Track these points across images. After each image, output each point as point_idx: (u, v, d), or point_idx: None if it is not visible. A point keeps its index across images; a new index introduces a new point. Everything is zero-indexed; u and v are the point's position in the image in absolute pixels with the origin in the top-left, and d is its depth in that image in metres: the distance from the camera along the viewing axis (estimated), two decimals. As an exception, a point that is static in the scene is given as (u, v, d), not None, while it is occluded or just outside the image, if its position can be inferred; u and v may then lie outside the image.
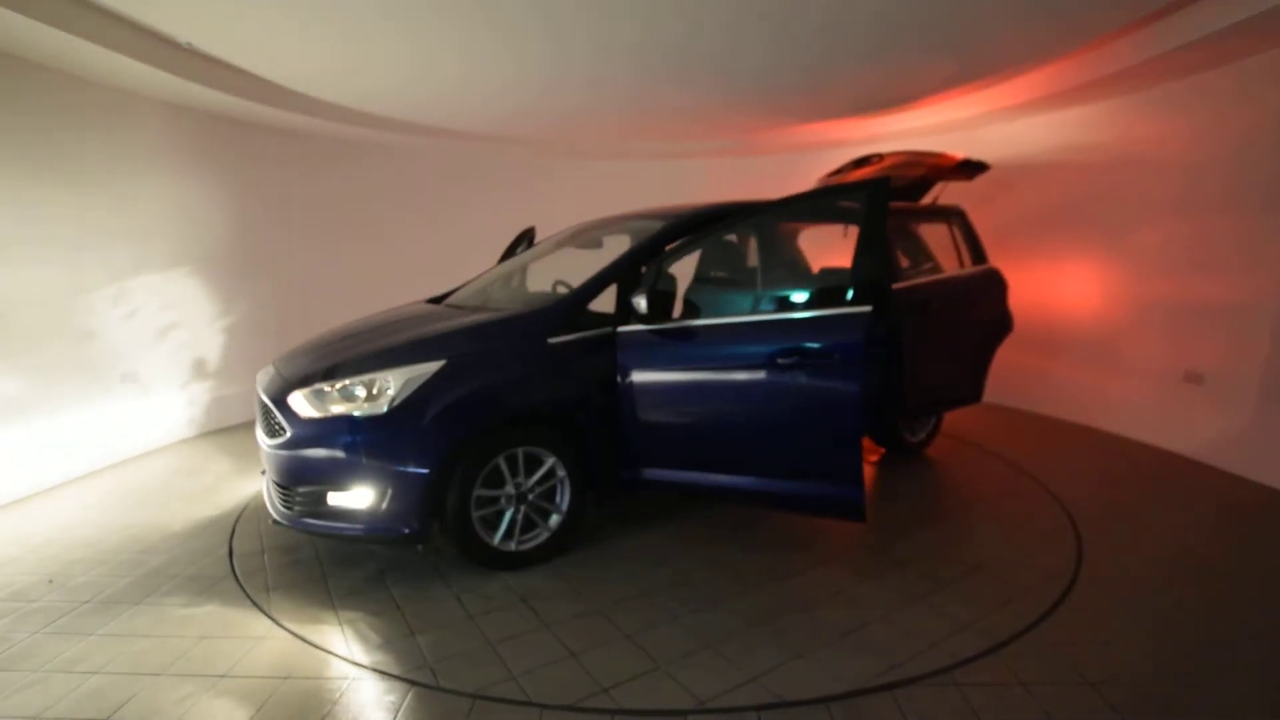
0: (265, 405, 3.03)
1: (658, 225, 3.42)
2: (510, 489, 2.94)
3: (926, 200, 4.91)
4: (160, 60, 4.09)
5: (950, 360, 4.47)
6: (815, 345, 2.73)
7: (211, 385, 5.36)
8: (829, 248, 5.94)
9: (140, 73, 4.18)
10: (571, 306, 3.14)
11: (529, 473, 2.98)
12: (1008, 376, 6.22)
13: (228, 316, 5.47)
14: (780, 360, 2.80)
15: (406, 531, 2.77)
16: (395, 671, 2.26)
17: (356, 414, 2.75)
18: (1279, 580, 2.92)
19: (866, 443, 4.85)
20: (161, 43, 4.02)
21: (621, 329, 3.13)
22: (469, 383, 2.85)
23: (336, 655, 2.36)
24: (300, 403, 2.83)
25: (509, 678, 2.22)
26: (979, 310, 4.63)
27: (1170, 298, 4.81)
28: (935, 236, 4.73)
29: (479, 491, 2.85)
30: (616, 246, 3.47)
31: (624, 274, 3.23)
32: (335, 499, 2.77)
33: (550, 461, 3.01)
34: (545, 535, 3.06)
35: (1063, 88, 4.80)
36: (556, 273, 3.86)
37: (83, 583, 2.87)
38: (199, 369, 5.26)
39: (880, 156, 5.26)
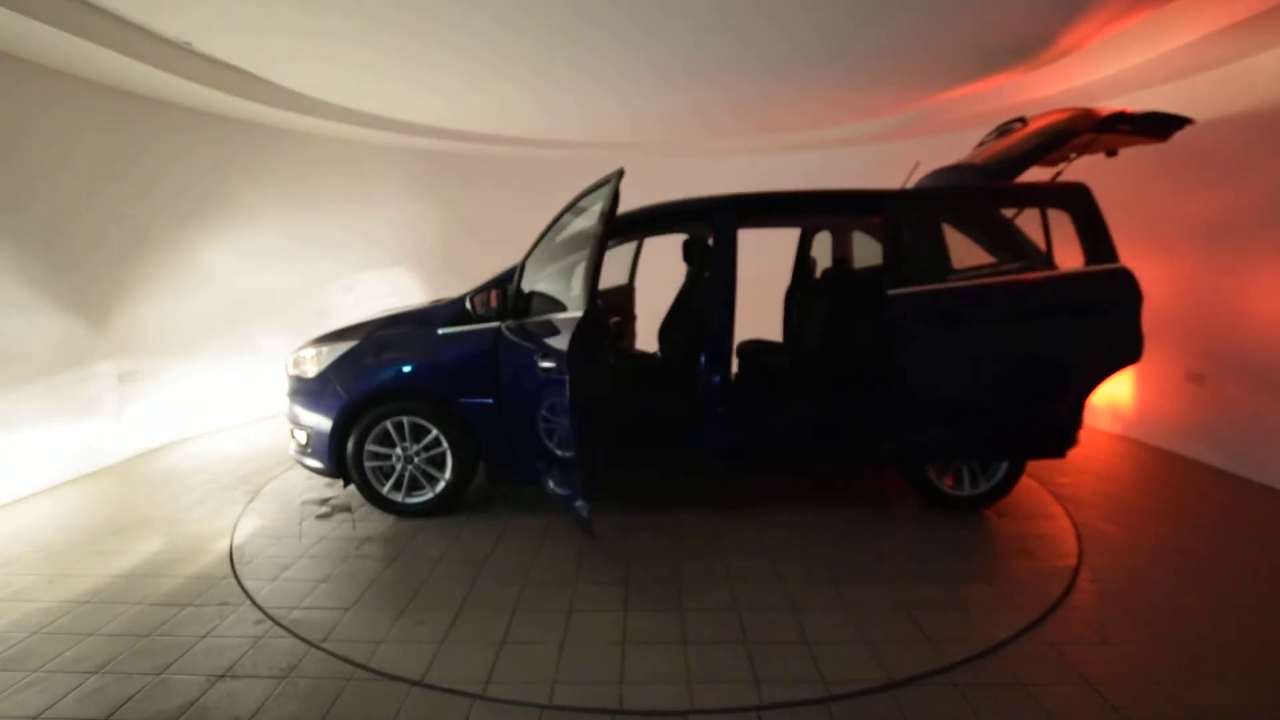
0: None
1: None
2: (399, 450, 3.54)
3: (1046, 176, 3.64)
4: (382, 124, 5.89)
5: (1003, 394, 3.32)
6: (549, 350, 2.64)
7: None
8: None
9: (370, 135, 6.07)
10: (464, 303, 3.54)
11: (416, 440, 3.52)
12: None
13: (429, 305, 7.27)
14: (542, 363, 2.77)
15: (323, 467, 3.62)
16: (230, 562, 3.09)
17: (304, 375, 3.71)
18: None
19: (901, 485, 3.90)
20: (383, 121, 5.80)
21: (501, 324, 3.42)
22: (368, 360, 3.54)
23: (224, 545, 3.31)
24: (289, 364, 3.92)
25: (258, 579, 2.88)
26: (1072, 327, 3.28)
27: None
28: (1056, 225, 3.50)
29: (370, 447, 3.52)
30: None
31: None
32: (296, 437, 3.79)
33: (434, 433, 3.50)
34: (430, 496, 3.56)
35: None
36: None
37: (237, 477, 4.36)
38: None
39: (1024, 121, 4.12)
